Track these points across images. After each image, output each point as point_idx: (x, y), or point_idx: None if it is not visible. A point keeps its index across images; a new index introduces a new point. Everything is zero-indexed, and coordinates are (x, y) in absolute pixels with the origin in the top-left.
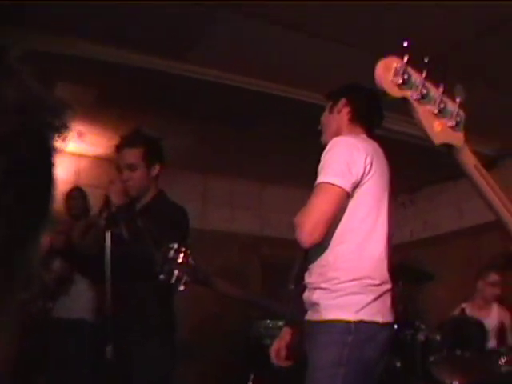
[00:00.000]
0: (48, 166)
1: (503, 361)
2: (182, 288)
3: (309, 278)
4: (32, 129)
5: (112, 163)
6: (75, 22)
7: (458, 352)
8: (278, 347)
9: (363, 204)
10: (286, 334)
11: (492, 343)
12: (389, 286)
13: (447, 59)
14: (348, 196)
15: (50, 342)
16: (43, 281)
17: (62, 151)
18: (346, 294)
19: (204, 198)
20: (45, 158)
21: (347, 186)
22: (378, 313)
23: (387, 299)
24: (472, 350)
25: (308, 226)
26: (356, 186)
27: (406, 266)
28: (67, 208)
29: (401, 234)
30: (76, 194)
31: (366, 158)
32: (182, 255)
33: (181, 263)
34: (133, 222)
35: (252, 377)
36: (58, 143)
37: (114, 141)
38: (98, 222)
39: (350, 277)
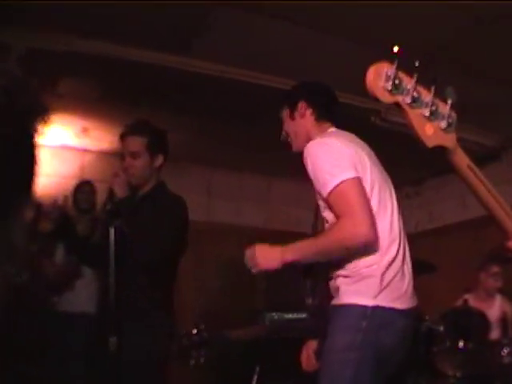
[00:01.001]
0: (28, 144)
1: (506, 352)
2: (202, 361)
3: (331, 267)
4: (13, 110)
5: (116, 158)
6: (78, 19)
7: (461, 343)
8: (307, 355)
9: (371, 191)
10: (310, 343)
11: (495, 334)
12: (406, 271)
13: (447, 51)
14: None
15: (53, 336)
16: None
17: (42, 132)
18: (364, 279)
19: (210, 191)
20: (25, 135)
21: (358, 174)
22: (396, 299)
23: (406, 284)
24: (475, 341)
25: (364, 226)
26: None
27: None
28: (75, 202)
29: (406, 225)
30: (84, 188)
31: (350, 149)
32: (196, 340)
33: (194, 343)
34: (133, 215)
35: (257, 370)
36: (38, 124)
37: (118, 136)
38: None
39: (368, 262)
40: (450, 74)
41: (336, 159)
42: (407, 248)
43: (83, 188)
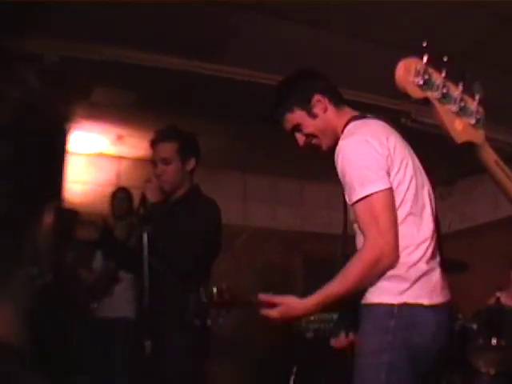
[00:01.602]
0: (50, 155)
1: None
2: (221, 323)
3: None
4: (32, 122)
5: (152, 164)
6: (111, 28)
7: (494, 341)
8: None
9: (400, 188)
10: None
11: None
12: (435, 266)
13: (474, 51)
14: (393, 191)
15: (95, 341)
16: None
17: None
18: (389, 277)
19: (245, 195)
20: (46, 148)
21: (388, 183)
22: (424, 295)
23: (434, 280)
24: (507, 339)
25: (392, 248)
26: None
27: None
28: (112, 208)
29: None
30: (120, 194)
31: (383, 149)
32: (215, 296)
33: (215, 304)
34: (166, 220)
35: (295, 370)
36: (60, 133)
37: (149, 143)
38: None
39: None
40: (478, 74)
41: (367, 165)
42: (439, 242)
43: (119, 195)
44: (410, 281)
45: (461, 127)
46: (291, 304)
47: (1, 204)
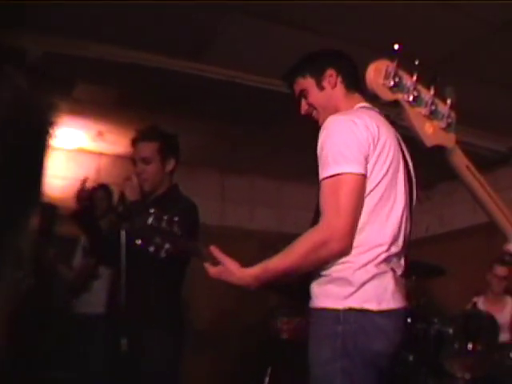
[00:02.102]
0: (37, 155)
1: None
2: (163, 255)
3: None
4: (22, 123)
5: (132, 163)
6: (95, 25)
7: (470, 345)
8: None
9: (369, 181)
10: None
11: (506, 337)
12: (386, 270)
13: (458, 59)
14: (366, 178)
15: (74, 338)
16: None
17: (52, 144)
18: (334, 279)
19: (223, 195)
20: (33, 148)
21: (363, 169)
22: (372, 299)
23: (384, 284)
24: (483, 344)
25: (344, 233)
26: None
27: (417, 260)
28: None
29: (416, 229)
30: (98, 194)
31: (367, 134)
32: (164, 222)
33: (162, 230)
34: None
35: (269, 370)
36: (47, 137)
37: (130, 142)
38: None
39: (340, 259)
40: (459, 81)
41: (347, 145)
42: (404, 247)
43: (97, 194)
44: (355, 285)
45: (431, 130)
46: (230, 268)
47: None
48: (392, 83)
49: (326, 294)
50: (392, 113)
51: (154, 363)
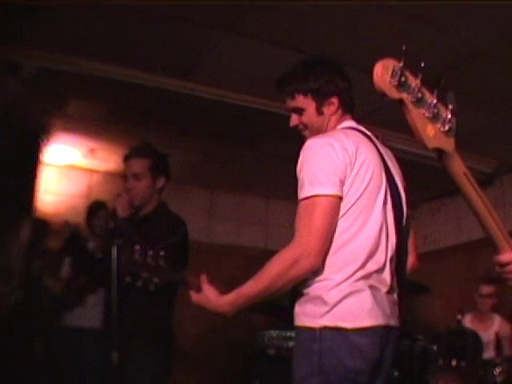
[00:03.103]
0: (28, 163)
1: (498, 371)
2: (152, 288)
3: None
4: (12, 124)
5: (122, 178)
6: (85, 42)
7: (454, 362)
8: None
9: (346, 200)
10: None
11: (491, 354)
12: (363, 288)
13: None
14: (340, 199)
15: (66, 351)
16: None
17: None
18: (311, 299)
19: (210, 212)
20: (24, 154)
21: (338, 191)
22: (347, 317)
23: (359, 302)
24: (467, 361)
25: (315, 251)
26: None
27: None
28: (90, 225)
29: None
30: (101, 213)
31: (344, 156)
32: (150, 258)
33: (148, 265)
34: (132, 235)
35: None
36: (39, 140)
37: (122, 158)
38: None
39: (316, 278)
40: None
41: (322, 168)
42: (392, 263)
43: (100, 213)
44: (330, 304)
45: (433, 133)
46: (209, 296)
47: None
48: (398, 82)
49: (304, 313)
50: (380, 134)
51: (143, 377)
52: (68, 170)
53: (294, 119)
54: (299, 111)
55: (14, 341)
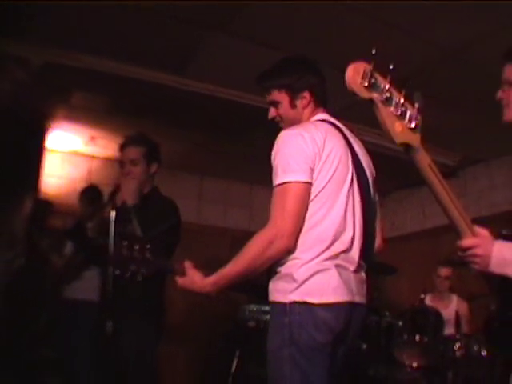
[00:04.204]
0: (31, 142)
1: (457, 346)
2: (140, 279)
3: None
4: (19, 113)
5: (120, 165)
6: (91, 41)
7: (417, 337)
8: None
9: (315, 185)
10: None
11: (450, 331)
12: (330, 266)
13: (413, 80)
14: (310, 186)
15: (63, 321)
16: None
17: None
18: (282, 276)
19: (200, 196)
20: (30, 137)
21: (308, 178)
22: (314, 293)
23: (326, 279)
24: (429, 336)
25: (288, 232)
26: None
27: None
28: (80, 207)
29: None
30: (87, 194)
31: (313, 146)
32: (136, 252)
33: (135, 258)
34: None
35: (237, 353)
36: (44, 127)
37: (119, 145)
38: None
39: (287, 257)
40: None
41: (294, 157)
42: (359, 243)
43: (87, 194)
44: (299, 281)
45: (400, 129)
46: (193, 278)
47: None
48: (368, 83)
49: (276, 290)
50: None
51: (134, 349)
52: (70, 156)
53: (272, 112)
54: (275, 105)
55: (19, 310)
